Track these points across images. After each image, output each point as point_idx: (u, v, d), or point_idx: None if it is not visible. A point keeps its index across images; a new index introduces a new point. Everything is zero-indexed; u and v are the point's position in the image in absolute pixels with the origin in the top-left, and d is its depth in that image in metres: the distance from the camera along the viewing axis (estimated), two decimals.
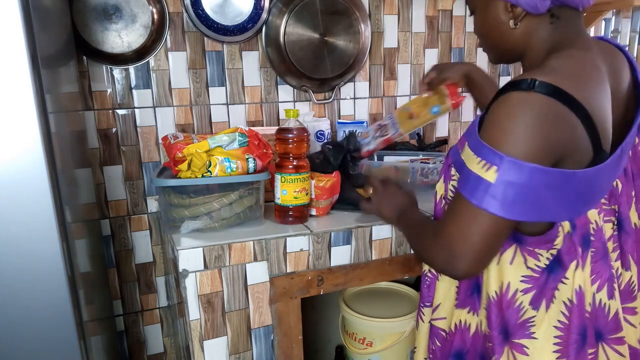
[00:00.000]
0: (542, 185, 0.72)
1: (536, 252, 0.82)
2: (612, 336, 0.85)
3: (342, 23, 1.57)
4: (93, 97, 1.40)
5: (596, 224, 0.83)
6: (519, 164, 0.71)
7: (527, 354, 0.82)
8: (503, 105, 0.74)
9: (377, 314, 1.45)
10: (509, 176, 0.71)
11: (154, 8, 1.38)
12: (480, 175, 0.73)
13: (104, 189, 1.46)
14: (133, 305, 1.57)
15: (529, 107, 0.71)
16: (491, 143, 0.73)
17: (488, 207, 0.72)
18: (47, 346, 0.90)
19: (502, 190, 0.72)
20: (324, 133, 1.57)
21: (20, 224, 0.84)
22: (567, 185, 0.75)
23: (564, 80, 0.72)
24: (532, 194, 0.73)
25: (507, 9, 0.82)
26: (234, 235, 1.09)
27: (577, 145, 0.74)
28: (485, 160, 0.73)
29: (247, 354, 1.14)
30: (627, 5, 1.80)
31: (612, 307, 0.85)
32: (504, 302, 0.84)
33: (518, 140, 0.71)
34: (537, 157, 0.71)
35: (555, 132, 0.71)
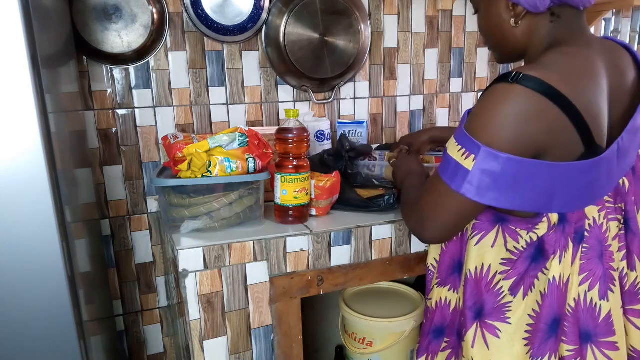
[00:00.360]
0: (517, 175, 0.75)
1: (517, 232, 0.85)
2: (603, 339, 0.84)
3: (342, 23, 1.57)
4: (93, 97, 1.40)
5: (594, 221, 0.83)
6: (494, 154, 0.74)
7: (499, 337, 0.86)
8: (487, 96, 0.78)
9: (377, 314, 1.45)
10: (485, 165, 0.75)
11: (154, 8, 1.38)
12: (459, 163, 0.78)
13: (104, 189, 1.46)
14: (133, 305, 1.57)
15: (510, 98, 0.74)
16: (471, 132, 0.77)
17: (466, 192, 0.78)
18: (47, 346, 0.90)
19: (478, 177, 0.76)
20: (324, 133, 1.57)
21: (20, 223, 0.84)
22: (549, 177, 0.77)
23: (552, 75, 0.74)
24: (507, 182, 0.76)
25: (509, 8, 0.84)
26: (234, 235, 1.09)
27: (559, 139, 0.76)
28: (465, 149, 0.78)
29: (247, 354, 1.14)
30: (627, 5, 1.80)
31: (604, 308, 0.84)
32: (483, 283, 0.88)
33: (495, 130, 0.75)
34: (513, 148, 0.74)
35: (534, 125, 0.74)
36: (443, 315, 0.98)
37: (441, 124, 1.86)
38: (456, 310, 0.96)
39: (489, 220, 0.89)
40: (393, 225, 1.20)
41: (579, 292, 0.83)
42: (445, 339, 0.99)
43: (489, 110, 0.76)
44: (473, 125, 0.78)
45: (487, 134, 0.75)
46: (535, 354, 0.84)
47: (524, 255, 0.85)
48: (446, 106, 1.85)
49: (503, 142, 0.74)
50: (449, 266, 0.97)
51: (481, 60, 1.86)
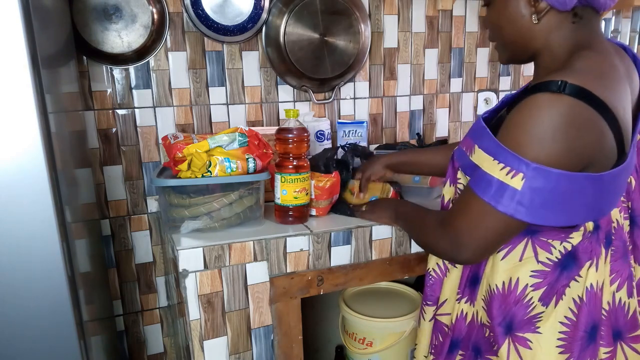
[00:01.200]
0: (568, 191, 0.72)
1: (549, 244, 0.81)
2: (630, 335, 0.85)
3: (342, 23, 1.57)
4: (93, 97, 1.40)
5: (617, 223, 0.83)
6: (546, 171, 0.70)
7: (531, 348, 0.82)
8: (529, 107, 0.72)
9: (377, 314, 1.45)
10: (536, 183, 0.71)
11: (154, 8, 1.38)
12: (504, 182, 0.73)
13: (104, 189, 1.46)
14: (133, 305, 1.57)
15: (558, 109, 0.70)
16: (515, 148, 0.72)
17: (515, 214, 0.73)
18: (47, 346, 0.90)
19: (529, 197, 0.72)
20: (324, 133, 1.57)
21: (20, 223, 0.84)
22: (593, 188, 0.74)
23: (592, 83, 0.71)
24: (559, 200, 0.73)
25: (530, 3, 0.80)
26: (234, 235, 1.09)
27: (604, 150, 0.73)
28: (510, 167, 0.72)
29: (247, 354, 1.14)
30: (627, 5, 1.80)
31: (631, 305, 0.85)
32: (511, 297, 0.84)
33: (544, 145, 0.70)
34: (564, 163, 0.70)
35: (584, 137, 0.70)
36: (460, 328, 0.95)
37: (441, 123, 1.86)
38: (473, 323, 0.93)
39: None
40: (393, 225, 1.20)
41: (610, 294, 0.83)
42: (460, 352, 0.95)
43: (535, 122, 0.71)
44: (515, 139, 0.73)
45: (536, 149, 0.71)
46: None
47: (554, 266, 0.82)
48: (446, 106, 1.85)
49: (554, 157, 0.70)
50: (466, 279, 0.93)
51: (481, 60, 1.86)
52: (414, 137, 1.81)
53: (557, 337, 0.82)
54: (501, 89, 1.92)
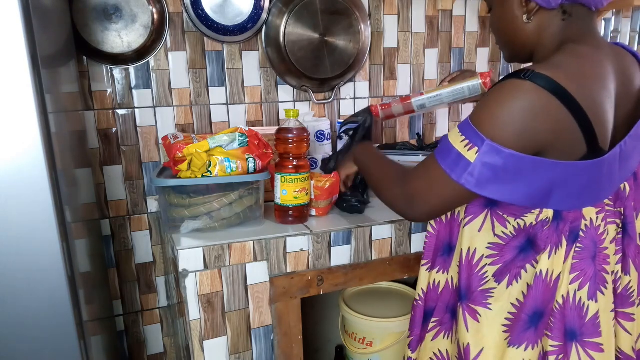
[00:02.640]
0: (518, 170, 0.76)
1: (504, 218, 0.87)
2: (588, 339, 0.84)
3: (342, 23, 1.57)
4: (93, 97, 1.40)
5: (591, 222, 0.83)
6: (497, 148, 0.75)
7: (478, 321, 0.88)
8: (496, 90, 0.78)
9: (377, 314, 1.45)
10: (487, 158, 0.76)
11: (154, 8, 1.38)
12: (462, 153, 0.79)
13: (104, 189, 1.46)
14: (133, 305, 1.57)
15: (519, 94, 0.75)
16: (476, 124, 0.78)
17: (465, 183, 0.78)
18: (47, 346, 0.90)
19: (479, 170, 0.77)
20: (324, 133, 1.57)
21: (20, 224, 0.84)
22: (549, 174, 0.77)
23: (562, 75, 0.75)
24: (508, 177, 0.77)
25: (522, 4, 0.85)
26: (234, 235, 1.09)
27: (562, 138, 0.76)
28: (469, 140, 0.78)
29: (247, 354, 1.14)
30: (627, 5, 1.80)
31: (592, 308, 0.84)
32: (470, 266, 0.91)
33: (501, 124, 0.76)
34: (516, 144, 0.75)
35: (540, 123, 0.75)
36: (432, 298, 1.00)
37: (441, 123, 1.86)
38: (447, 288, 0.98)
39: (479, 204, 0.90)
40: (393, 225, 1.20)
41: (569, 290, 0.84)
42: (432, 319, 1.00)
43: (496, 104, 0.77)
44: (479, 117, 0.78)
45: (492, 127, 0.76)
46: (512, 342, 0.85)
47: (513, 245, 0.86)
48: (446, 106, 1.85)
49: (507, 137, 0.75)
50: (437, 248, 0.99)
51: (481, 60, 1.86)
52: (414, 137, 1.81)
53: (505, 317, 0.87)
54: None
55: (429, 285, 1.00)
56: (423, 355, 1.01)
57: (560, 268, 0.83)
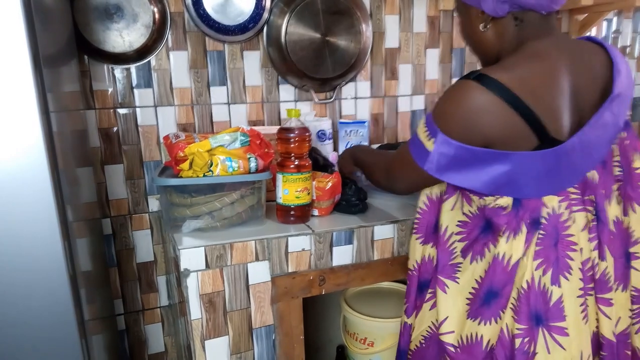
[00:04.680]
0: (469, 160, 0.86)
1: (470, 198, 0.94)
2: (553, 324, 0.87)
3: (344, 23, 1.57)
4: (94, 96, 1.40)
5: (553, 211, 0.87)
6: (447, 140, 0.86)
7: (446, 292, 0.97)
8: (450, 88, 0.88)
9: (378, 314, 1.45)
10: (441, 148, 0.87)
11: (155, 7, 1.38)
12: (423, 143, 0.90)
13: (105, 188, 1.46)
14: (134, 304, 1.57)
15: (465, 93, 0.84)
16: (434, 117, 0.89)
17: (428, 169, 0.90)
18: (48, 345, 0.90)
19: (437, 158, 0.88)
20: (325, 133, 1.57)
21: (21, 222, 0.84)
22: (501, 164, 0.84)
23: (507, 75, 0.82)
24: (460, 165, 0.87)
25: (479, 15, 0.93)
26: (236, 235, 1.09)
27: (508, 133, 0.83)
28: (429, 132, 0.89)
29: (248, 353, 1.14)
30: (629, 6, 1.79)
31: (555, 293, 0.87)
32: (443, 241, 0.99)
33: (450, 119, 0.86)
34: (463, 137, 0.84)
35: (483, 119, 0.83)
36: (427, 270, 1.04)
37: None
38: None
39: (453, 185, 0.96)
40: (395, 225, 1.20)
41: (533, 276, 0.87)
42: (429, 290, 1.04)
43: (447, 101, 0.87)
44: (436, 111, 0.89)
45: (443, 121, 0.86)
46: (469, 314, 0.94)
47: (476, 223, 0.94)
48: None
49: (455, 131, 0.85)
50: (429, 225, 1.04)
51: None
52: None
53: (469, 291, 0.95)
54: None
55: (423, 257, 1.05)
56: (422, 322, 1.06)
57: (520, 253, 0.87)
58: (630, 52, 2.12)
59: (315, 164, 1.29)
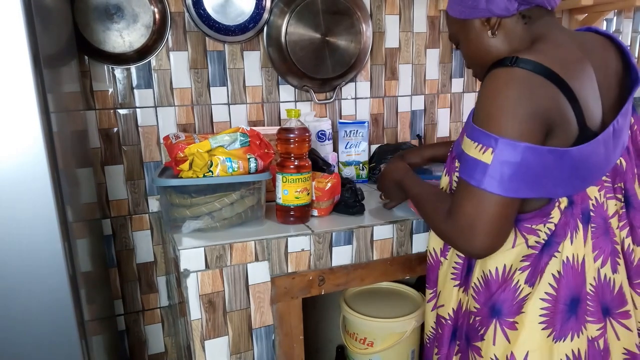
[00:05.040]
0: (536, 163, 0.76)
1: (534, 229, 0.85)
2: (618, 310, 0.86)
3: (344, 23, 1.57)
4: (94, 96, 1.40)
5: (596, 201, 0.85)
6: (512, 144, 0.74)
7: (517, 329, 0.85)
8: (488, 84, 0.78)
9: (378, 314, 1.45)
10: (504, 156, 0.75)
11: (156, 8, 1.38)
12: (477, 158, 0.77)
13: (105, 189, 1.46)
14: (134, 304, 1.57)
15: (512, 80, 0.75)
16: (484, 126, 0.77)
17: (487, 187, 0.76)
18: (48, 345, 0.90)
19: (499, 169, 0.75)
20: (325, 133, 1.57)
21: (21, 223, 0.84)
22: (560, 162, 0.78)
23: (546, 58, 0.77)
24: (528, 171, 0.76)
25: (483, 24, 0.89)
26: (236, 235, 1.09)
27: (563, 116, 0.77)
28: (481, 144, 0.77)
29: (248, 353, 1.14)
30: (629, 6, 1.79)
31: (617, 281, 0.86)
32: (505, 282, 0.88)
33: (508, 117, 0.75)
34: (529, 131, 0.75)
35: (541, 100, 0.75)
36: (457, 317, 0.99)
37: (442, 124, 1.86)
38: (464, 312, 0.97)
39: None
40: (394, 225, 1.20)
41: (595, 271, 0.85)
42: (457, 341, 1.00)
43: (493, 98, 0.77)
44: (483, 117, 0.78)
45: (498, 123, 0.75)
46: (557, 336, 0.83)
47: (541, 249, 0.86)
48: (447, 106, 1.85)
49: (518, 128, 0.74)
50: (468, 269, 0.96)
51: None
52: (415, 138, 1.81)
53: (539, 314, 0.84)
54: None
55: (460, 304, 0.98)
56: None
57: (583, 251, 0.84)
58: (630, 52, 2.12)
59: (315, 164, 1.29)
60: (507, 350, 0.86)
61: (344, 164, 1.62)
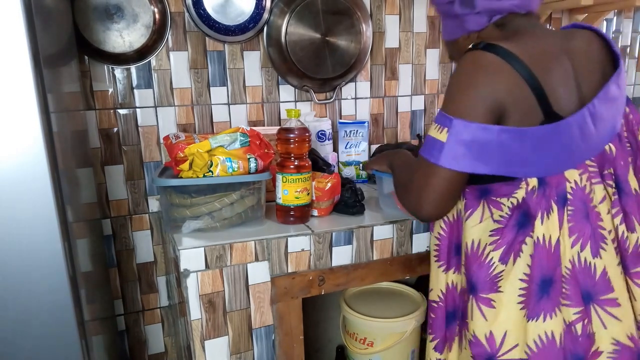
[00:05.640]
0: (488, 141, 0.81)
1: (499, 202, 0.90)
2: (603, 297, 0.85)
3: (344, 23, 1.57)
4: (94, 96, 1.40)
5: (575, 184, 0.86)
6: (464, 124, 0.81)
7: (494, 307, 0.88)
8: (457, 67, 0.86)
9: (378, 314, 1.45)
10: (457, 135, 0.82)
11: (156, 8, 1.38)
12: (435, 137, 0.85)
13: (105, 189, 1.46)
14: (134, 304, 1.57)
15: (474, 61, 0.83)
16: (443, 108, 0.85)
17: (443, 163, 0.83)
18: (48, 345, 0.90)
19: (454, 147, 0.82)
20: (325, 133, 1.57)
21: (22, 223, 0.84)
22: (520, 142, 0.82)
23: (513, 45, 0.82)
24: (480, 149, 0.82)
25: (465, 38, 0.96)
26: (236, 235, 1.09)
27: (518, 103, 0.81)
28: (440, 124, 0.85)
29: (248, 353, 1.14)
30: (629, 6, 1.79)
31: (599, 266, 0.85)
32: (476, 257, 0.91)
33: (462, 98, 0.82)
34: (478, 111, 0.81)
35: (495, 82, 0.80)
36: (453, 298, 1.01)
37: None
38: (463, 290, 0.99)
39: (474, 197, 0.93)
40: (394, 225, 1.20)
41: (573, 254, 0.85)
42: (457, 321, 1.01)
43: (455, 81, 0.85)
44: (445, 100, 0.86)
45: (454, 105, 0.83)
46: (529, 315, 0.85)
47: (511, 224, 0.88)
48: None
49: (471, 109, 0.81)
50: (449, 249, 1.00)
51: None
52: (415, 138, 1.81)
53: (518, 294, 0.87)
54: None
55: (447, 286, 1.01)
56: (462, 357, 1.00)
57: (557, 233, 0.85)
58: (630, 51, 2.12)
59: (315, 164, 1.29)
60: (486, 328, 0.89)
61: (344, 164, 1.62)
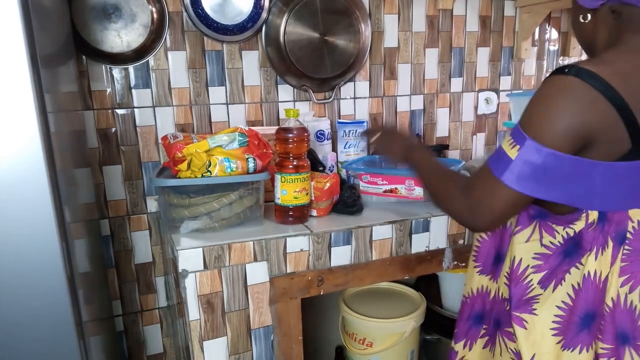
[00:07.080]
0: (558, 169, 0.77)
1: (553, 229, 0.87)
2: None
3: (342, 22, 1.56)
4: (92, 96, 1.40)
5: (638, 224, 0.83)
6: (537, 147, 0.77)
7: (525, 328, 0.87)
8: (541, 88, 0.80)
9: (377, 314, 1.45)
10: (527, 156, 0.78)
11: (154, 7, 1.37)
12: (505, 152, 0.81)
13: (104, 189, 1.46)
14: (132, 305, 1.56)
15: (564, 90, 0.76)
16: (522, 125, 0.80)
17: (505, 180, 0.80)
18: (46, 346, 0.89)
19: (520, 167, 0.78)
20: (324, 133, 1.57)
21: (19, 223, 0.84)
22: (591, 174, 0.78)
23: (607, 70, 0.76)
24: (546, 175, 0.78)
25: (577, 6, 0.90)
26: (234, 236, 1.09)
27: (607, 134, 0.76)
28: (514, 141, 0.80)
29: (247, 354, 1.14)
30: None
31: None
32: (516, 276, 0.90)
33: (546, 126, 0.77)
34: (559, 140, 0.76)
35: (585, 115, 0.75)
36: (483, 302, 1.01)
37: (441, 123, 1.86)
38: (495, 299, 0.99)
39: (529, 215, 0.90)
40: (393, 225, 1.20)
41: (619, 293, 0.83)
42: (484, 325, 1.01)
43: (539, 102, 0.79)
44: (525, 117, 0.81)
45: (535, 126, 0.78)
46: (567, 345, 0.85)
47: (558, 251, 0.86)
48: (446, 106, 1.85)
49: (550, 135, 0.76)
50: (489, 255, 1.00)
51: (482, 60, 1.86)
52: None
53: (553, 320, 0.86)
54: (502, 89, 1.92)
55: (479, 288, 1.01)
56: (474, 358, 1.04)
57: (608, 269, 0.83)
58: None
59: (313, 164, 1.29)
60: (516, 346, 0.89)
61: (342, 163, 1.62)
